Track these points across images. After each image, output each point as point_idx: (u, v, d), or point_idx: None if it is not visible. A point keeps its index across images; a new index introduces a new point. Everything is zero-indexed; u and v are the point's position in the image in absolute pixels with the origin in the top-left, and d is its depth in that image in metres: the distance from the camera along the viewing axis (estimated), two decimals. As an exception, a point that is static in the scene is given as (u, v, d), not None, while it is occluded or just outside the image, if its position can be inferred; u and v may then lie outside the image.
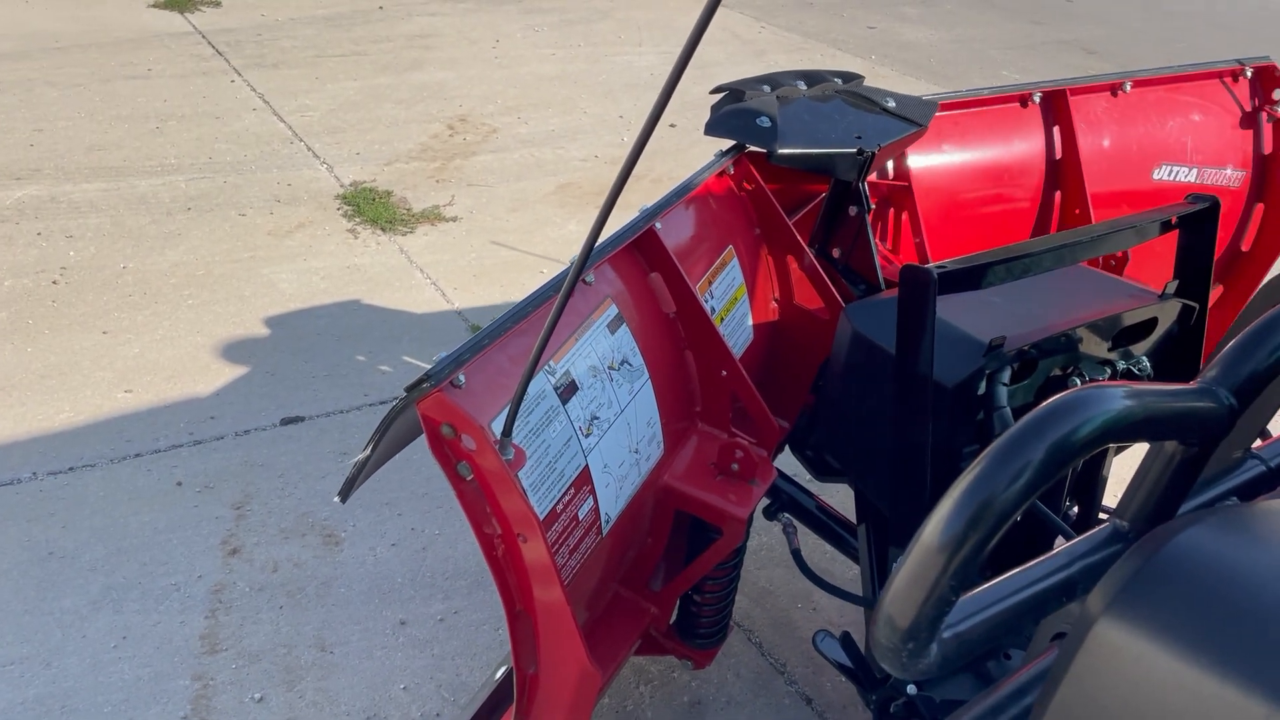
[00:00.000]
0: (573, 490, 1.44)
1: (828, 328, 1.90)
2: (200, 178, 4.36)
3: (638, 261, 1.67)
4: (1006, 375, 1.60)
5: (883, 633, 0.81)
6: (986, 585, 0.88)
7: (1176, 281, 1.76)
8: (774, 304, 2.01)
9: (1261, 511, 0.84)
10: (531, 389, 1.35)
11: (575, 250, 1.11)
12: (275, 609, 2.35)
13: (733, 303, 1.87)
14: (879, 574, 1.82)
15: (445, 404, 1.25)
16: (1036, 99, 2.29)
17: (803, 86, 2.00)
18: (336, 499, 1.40)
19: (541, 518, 1.35)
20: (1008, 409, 1.59)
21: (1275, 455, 1.17)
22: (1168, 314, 1.77)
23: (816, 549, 2.44)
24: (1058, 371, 1.68)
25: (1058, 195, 2.35)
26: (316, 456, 2.83)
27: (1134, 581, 0.75)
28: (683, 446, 1.73)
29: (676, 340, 1.71)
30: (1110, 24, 7.97)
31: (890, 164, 2.20)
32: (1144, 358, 1.74)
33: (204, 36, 6.02)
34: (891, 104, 1.98)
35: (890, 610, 0.79)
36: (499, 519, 1.35)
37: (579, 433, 1.47)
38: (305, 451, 2.84)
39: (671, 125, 5.05)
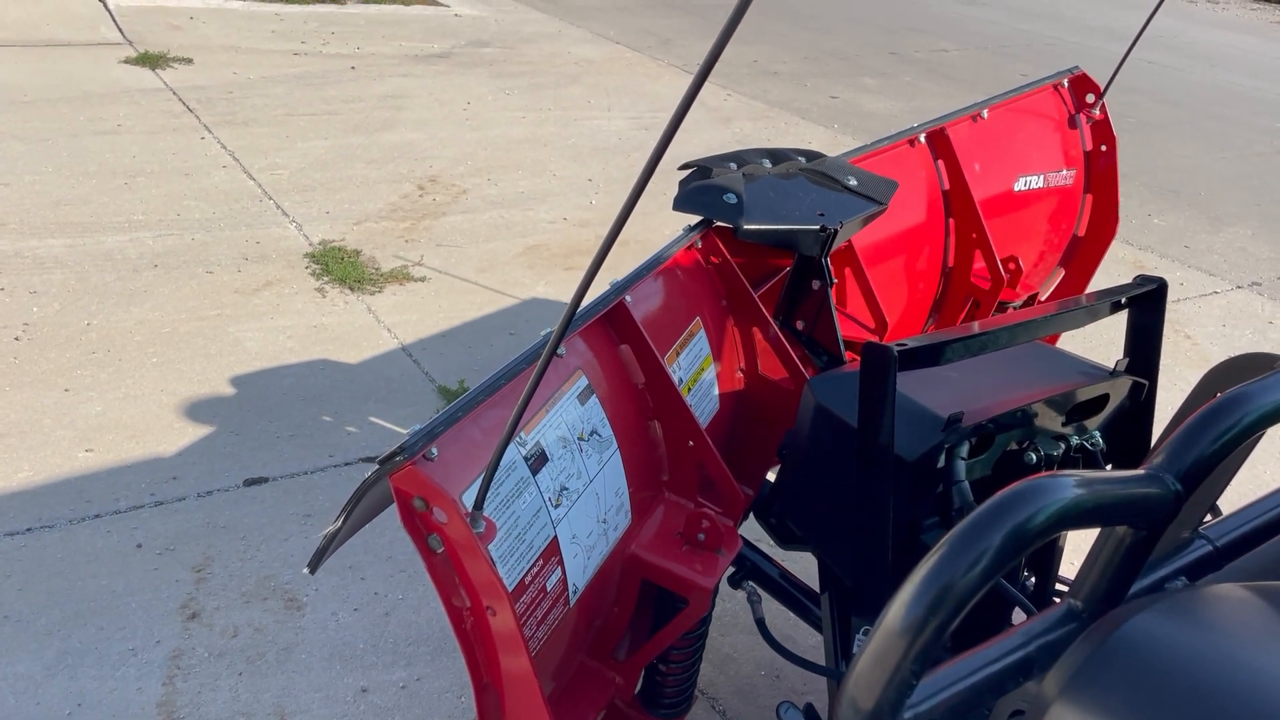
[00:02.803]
0: (541, 561, 1.46)
1: (791, 397, 1.94)
2: (168, 235, 4.36)
3: (607, 333, 1.71)
4: (965, 449, 1.65)
5: (846, 714, 0.83)
6: (947, 665, 0.91)
7: (1127, 359, 1.83)
8: (740, 374, 2.05)
9: (1206, 596, 0.88)
10: (506, 462, 1.38)
11: (544, 313, 1.14)
12: (235, 675, 2.32)
13: (699, 373, 1.91)
14: (842, 643, 1.84)
15: (418, 477, 1.27)
16: (922, 139, 2.48)
17: (768, 164, 2.06)
18: (306, 570, 1.41)
19: (510, 589, 1.36)
20: (966, 483, 1.63)
21: (1221, 535, 1.22)
22: (1119, 390, 1.83)
23: (780, 615, 2.45)
24: (1014, 446, 1.73)
25: (951, 222, 2.54)
26: (280, 518, 2.81)
27: (1086, 666, 0.79)
28: (650, 516, 1.75)
29: (644, 410, 1.74)
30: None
31: None
32: (1096, 432, 1.80)
33: (175, 93, 6.05)
34: (853, 182, 2.05)
35: (854, 692, 0.82)
36: (468, 591, 1.35)
37: (549, 504, 1.48)
38: (268, 513, 2.83)
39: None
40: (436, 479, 1.27)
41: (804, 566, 2.31)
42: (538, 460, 1.47)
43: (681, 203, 1.92)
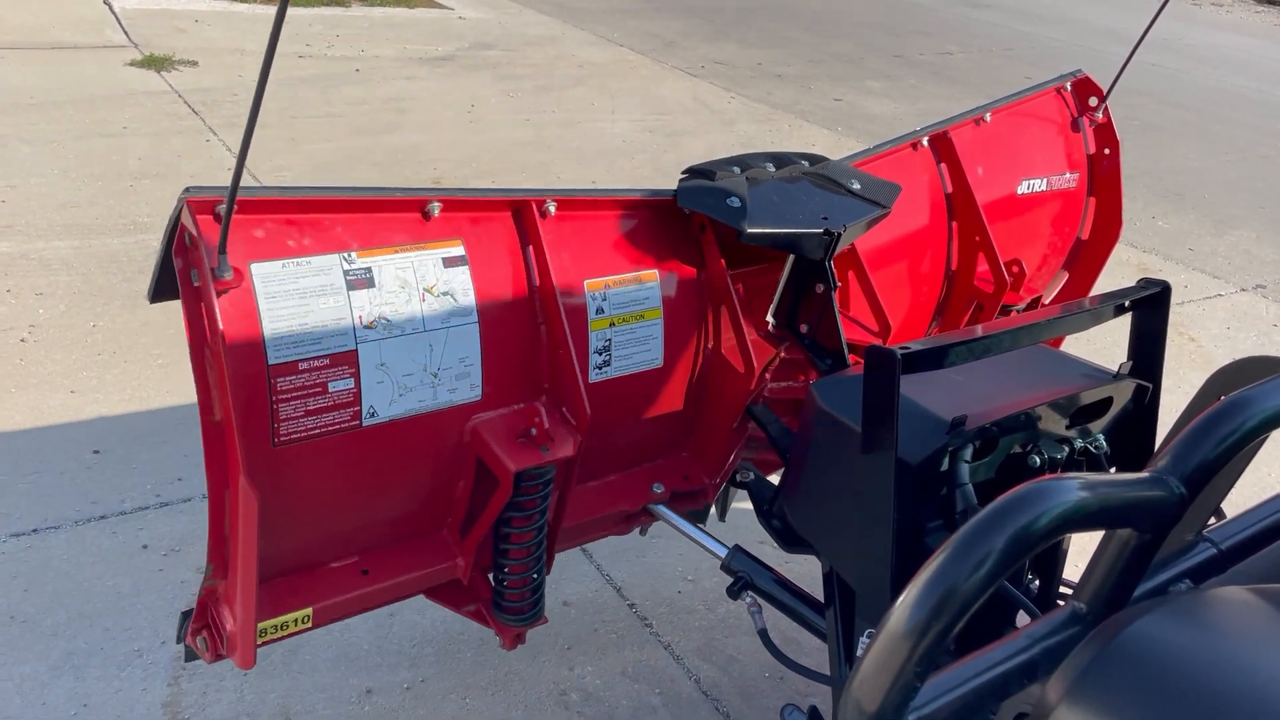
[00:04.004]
0: (328, 361, 1.56)
1: (741, 383, 1.99)
2: (173, 236, 4.37)
3: (510, 226, 1.78)
4: (969, 452, 1.65)
5: (850, 716, 0.84)
6: (951, 668, 0.92)
7: (1131, 362, 1.83)
8: (701, 351, 2.07)
9: (1210, 599, 0.89)
10: (318, 264, 1.55)
11: None
12: (239, 677, 2.33)
13: (634, 317, 1.94)
14: (846, 648, 1.84)
15: (205, 204, 1.42)
16: (925, 142, 2.48)
17: (771, 168, 2.06)
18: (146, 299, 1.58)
19: (270, 360, 1.50)
20: (970, 485, 1.63)
21: (1226, 538, 1.22)
22: (1122, 393, 1.83)
23: (784, 618, 2.46)
24: (1018, 449, 1.73)
25: (954, 225, 2.55)
26: (285, 520, 2.81)
27: (1091, 670, 0.79)
28: (508, 407, 1.80)
29: (532, 314, 1.80)
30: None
31: None
32: (1100, 435, 1.80)
33: (180, 95, 6.06)
34: (856, 186, 2.05)
35: (858, 695, 0.82)
36: (211, 331, 1.47)
37: (357, 320, 1.58)
38: (273, 515, 2.83)
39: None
40: (210, 221, 1.41)
41: (807, 569, 2.31)
42: (359, 280, 1.59)
43: (686, 197, 1.93)
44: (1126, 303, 1.79)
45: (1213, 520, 1.48)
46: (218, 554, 1.61)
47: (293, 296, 1.52)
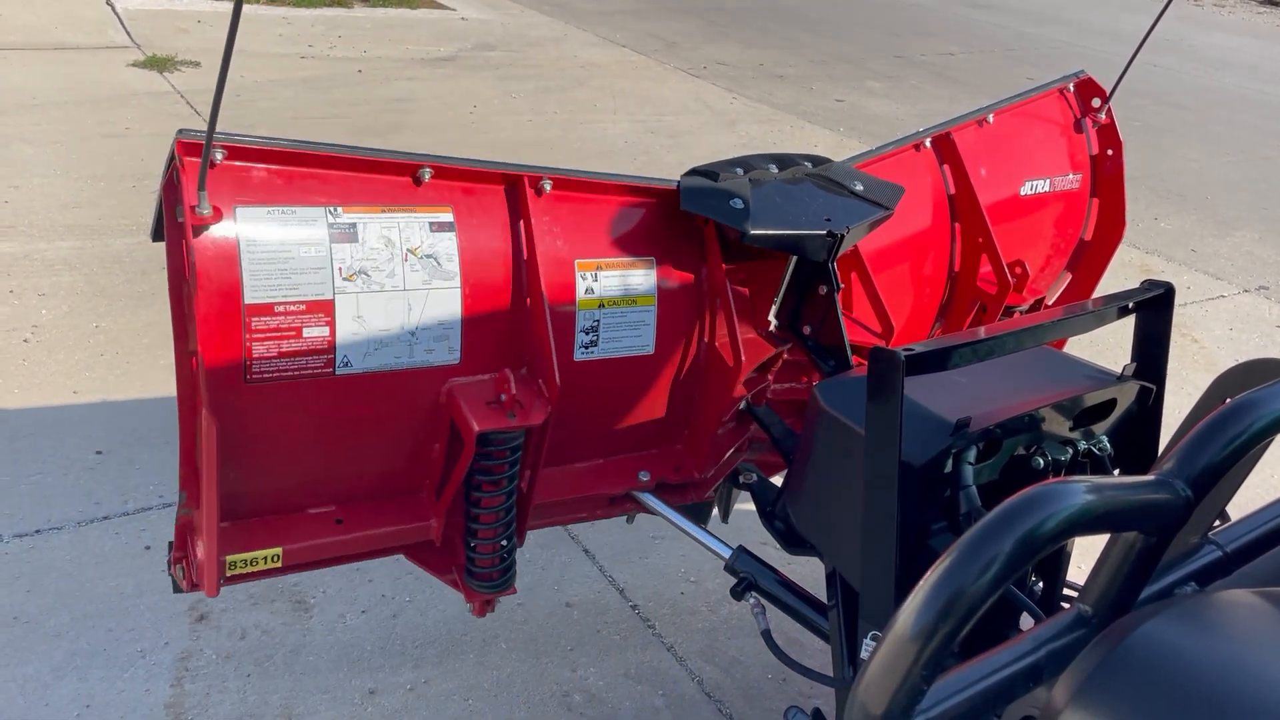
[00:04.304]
0: (303, 307, 1.61)
1: (728, 376, 2.00)
2: (175, 237, 4.37)
3: (502, 201, 1.82)
4: (972, 454, 1.64)
5: (856, 719, 0.84)
6: (956, 671, 0.92)
7: (1135, 364, 1.82)
8: (696, 344, 2.07)
9: (1216, 602, 0.89)
10: (303, 214, 1.60)
11: None
12: (243, 677, 2.33)
13: (627, 302, 1.95)
14: (849, 650, 1.84)
15: (191, 147, 1.50)
16: (928, 143, 2.48)
17: (774, 169, 2.06)
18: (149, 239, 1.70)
19: (248, 299, 1.56)
20: (973, 487, 1.63)
21: (1231, 541, 1.22)
22: (1126, 395, 1.82)
23: (788, 618, 2.46)
24: (1022, 450, 1.73)
25: (957, 226, 2.55)
26: (287, 521, 2.81)
27: (1096, 673, 0.79)
28: (487, 375, 1.83)
29: (518, 287, 1.83)
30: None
31: None
32: (1104, 437, 1.80)
33: (182, 96, 6.07)
34: (859, 187, 2.05)
35: (864, 698, 0.82)
36: (185, 268, 1.55)
37: (336, 270, 1.64)
38: (276, 516, 2.83)
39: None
40: (197, 163, 1.47)
41: (810, 571, 2.31)
42: (343, 235, 1.64)
43: (689, 199, 1.93)
44: (1130, 304, 1.79)
45: (1218, 523, 1.48)
46: (191, 483, 1.69)
47: (275, 241, 1.58)
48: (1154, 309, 1.81)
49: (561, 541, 2.86)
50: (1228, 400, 1.05)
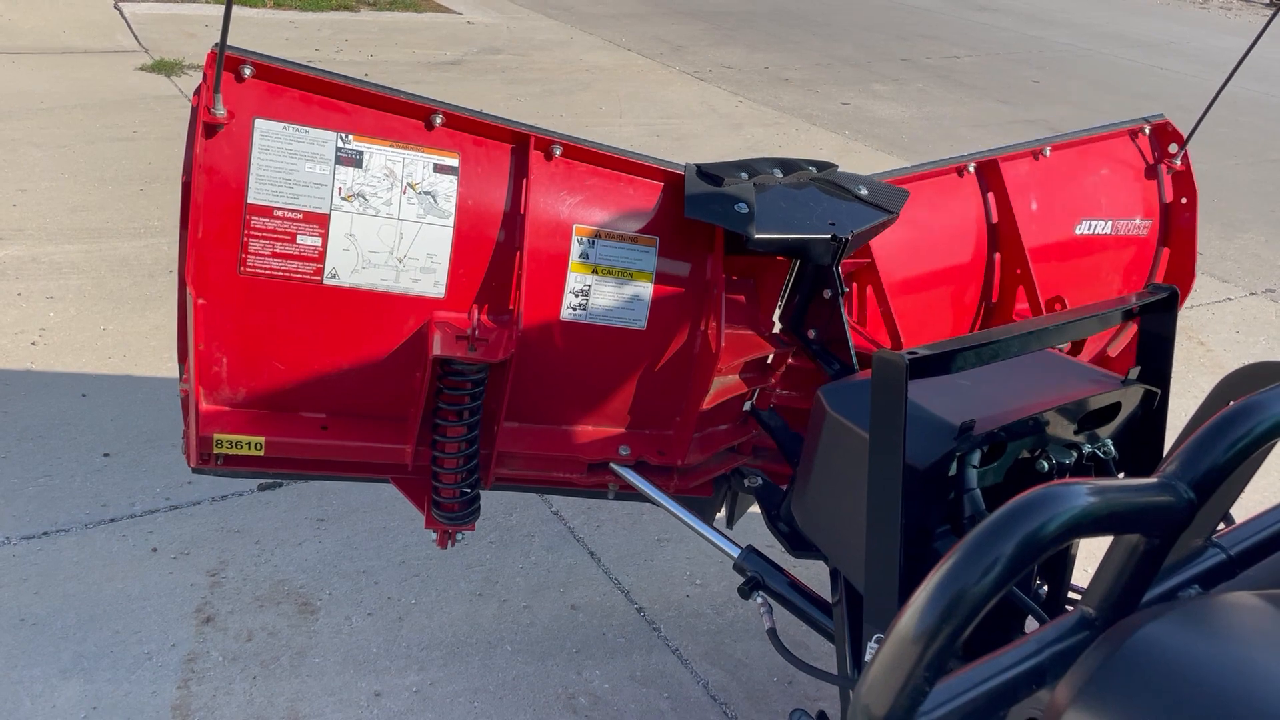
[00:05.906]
0: (300, 216, 1.75)
1: (708, 365, 2.00)
2: (182, 240, 4.39)
3: (507, 159, 1.89)
4: (976, 457, 1.65)
5: (860, 720, 0.84)
6: (959, 672, 0.92)
7: (1139, 368, 1.82)
8: (690, 331, 2.07)
9: (1219, 605, 0.89)
10: (315, 135, 1.74)
11: None
12: (249, 679, 2.34)
13: (622, 274, 1.99)
14: (854, 651, 1.84)
15: (226, 59, 1.63)
16: (971, 169, 2.42)
17: (779, 174, 2.07)
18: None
19: (250, 200, 1.71)
20: (978, 490, 1.63)
21: (1235, 543, 1.22)
22: (1130, 398, 1.83)
23: (794, 621, 2.46)
24: (1026, 454, 1.73)
25: (997, 256, 2.49)
26: (293, 523, 2.83)
27: (1099, 675, 0.79)
28: (469, 314, 1.90)
29: (511, 236, 1.90)
30: (1074, 104, 8.23)
31: None
32: (1108, 441, 1.80)
33: (190, 100, 6.09)
34: (864, 191, 2.05)
35: (867, 700, 0.83)
36: (195, 164, 1.68)
37: (336, 190, 1.77)
38: (282, 517, 2.84)
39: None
40: (217, 73, 1.62)
41: (816, 572, 2.32)
42: (349, 159, 1.77)
43: (693, 207, 1.93)
44: (1135, 307, 1.79)
45: (1222, 525, 1.48)
46: (185, 358, 1.84)
47: (284, 154, 1.73)
48: (1159, 312, 1.81)
49: (567, 544, 2.87)
50: (1231, 402, 1.05)
